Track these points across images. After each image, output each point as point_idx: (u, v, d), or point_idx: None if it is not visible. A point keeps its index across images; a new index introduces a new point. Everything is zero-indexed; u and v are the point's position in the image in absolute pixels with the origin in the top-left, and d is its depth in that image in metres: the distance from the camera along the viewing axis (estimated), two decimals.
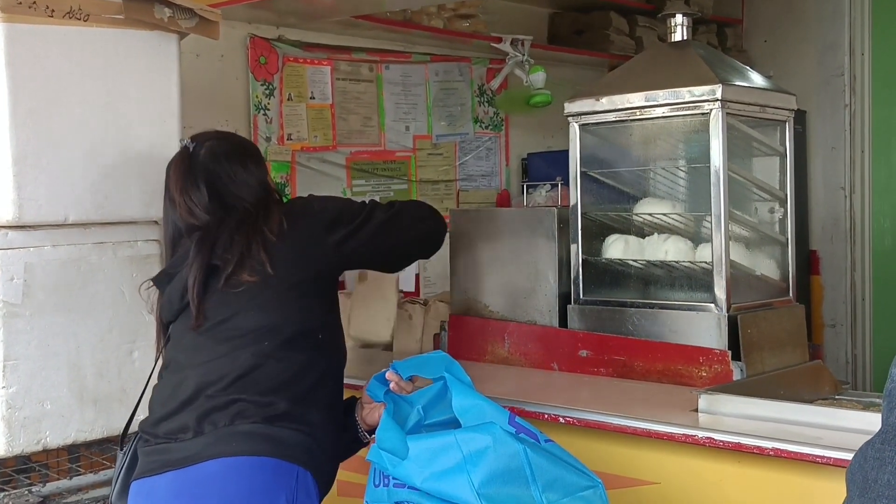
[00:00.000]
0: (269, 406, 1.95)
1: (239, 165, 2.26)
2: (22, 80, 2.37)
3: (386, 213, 2.28)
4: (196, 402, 1.99)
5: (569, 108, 3.12)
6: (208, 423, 1.95)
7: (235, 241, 2.11)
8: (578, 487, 1.73)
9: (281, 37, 4.20)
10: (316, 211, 2.21)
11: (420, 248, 2.51)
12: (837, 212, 5.70)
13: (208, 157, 2.24)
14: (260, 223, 2.13)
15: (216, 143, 2.29)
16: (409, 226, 2.35)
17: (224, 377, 1.99)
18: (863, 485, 1.12)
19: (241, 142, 2.44)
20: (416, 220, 2.40)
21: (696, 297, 2.91)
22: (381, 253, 2.32)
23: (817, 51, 5.75)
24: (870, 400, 2.63)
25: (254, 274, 2.05)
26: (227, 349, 2.02)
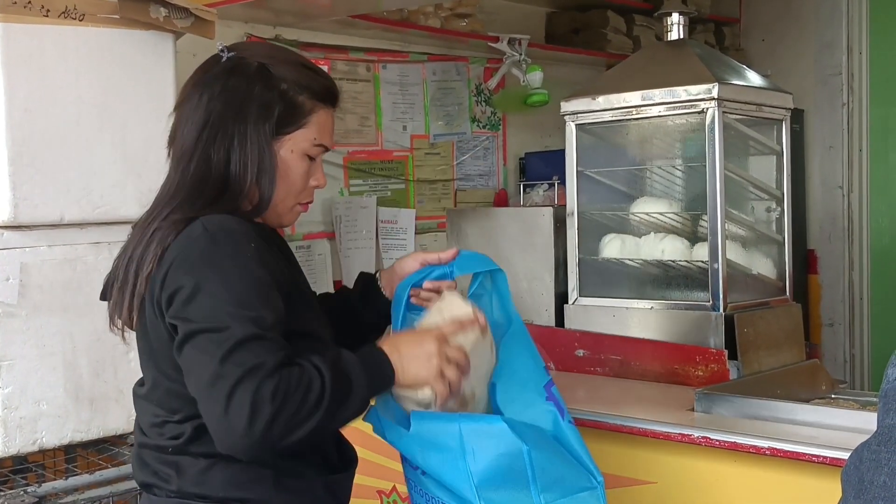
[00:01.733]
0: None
1: (269, 113, 1.69)
2: (17, 79, 2.37)
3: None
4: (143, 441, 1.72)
5: (565, 108, 3.12)
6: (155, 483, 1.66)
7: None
8: (577, 488, 1.72)
9: (278, 36, 4.19)
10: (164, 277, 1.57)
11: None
12: (835, 211, 5.70)
13: (218, 76, 1.72)
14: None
15: (245, 56, 1.73)
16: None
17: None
18: (858, 486, 1.12)
19: (275, 68, 1.73)
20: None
21: (692, 296, 2.92)
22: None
23: (815, 50, 5.74)
24: (867, 399, 2.63)
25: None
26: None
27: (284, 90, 1.69)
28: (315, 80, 1.73)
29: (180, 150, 1.69)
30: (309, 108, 1.71)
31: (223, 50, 1.74)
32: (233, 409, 1.41)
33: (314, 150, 1.74)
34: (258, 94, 1.67)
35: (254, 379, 1.42)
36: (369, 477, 2.76)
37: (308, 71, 1.74)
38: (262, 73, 1.69)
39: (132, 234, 1.69)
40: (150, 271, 1.57)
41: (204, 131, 1.67)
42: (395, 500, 2.80)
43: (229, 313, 1.48)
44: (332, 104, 1.77)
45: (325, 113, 1.75)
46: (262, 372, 1.43)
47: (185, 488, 1.60)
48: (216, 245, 1.55)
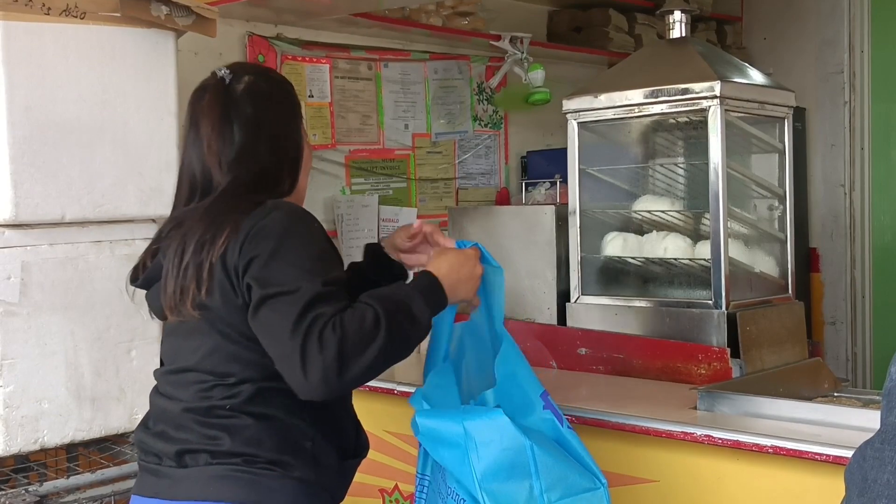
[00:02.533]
0: (254, 456, 1.73)
1: (290, 113, 1.96)
2: (18, 78, 2.37)
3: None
4: (164, 418, 1.83)
5: (567, 106, 3.11)
6: (174, 457, 1.76)
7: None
8: (580, 488, 1.73)
9: (279, 35, 4.19)
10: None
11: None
12: (837, 209, 5.69)
13: (244, 92, 1.91)
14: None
15: (256, 80, 1.94)
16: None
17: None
18: (862, 484, 1.12)
19: (285, 84, 2.02)
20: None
21: (695, 294, 2.91)
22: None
23: (816, 48, 5.74)
24: (869, 397, 2.62)
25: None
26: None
27: (290, 90, 1.97)
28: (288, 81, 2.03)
29: (240, 159, 1.86)
30: (298, 102, 2.00)
31: (223, 72, 1.92)
32: (307, 353, 1.57)
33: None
34: (282, 97, 1.95)
35: (318, 325, 1.58)
36: (372, 476, 2.76)
37: (281, 75, 2.09)
38: (274, 80, 1.98)
39: (190, 224, 1.79)
40: (225, 243, 1.71)
41: (258, 137, 1.88)
42: (398, 499, 2.79)
43: (301, 276, 1.65)
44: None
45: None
46: (325, 318, 1.60)
47: (236, 448, 1.70)
48: (289, 219, 1.74)
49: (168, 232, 1.85)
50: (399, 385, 2.70)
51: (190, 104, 1.93)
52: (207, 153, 1.87)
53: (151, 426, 1.83)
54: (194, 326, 1.78)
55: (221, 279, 1.71)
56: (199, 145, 1.88)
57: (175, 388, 1.81)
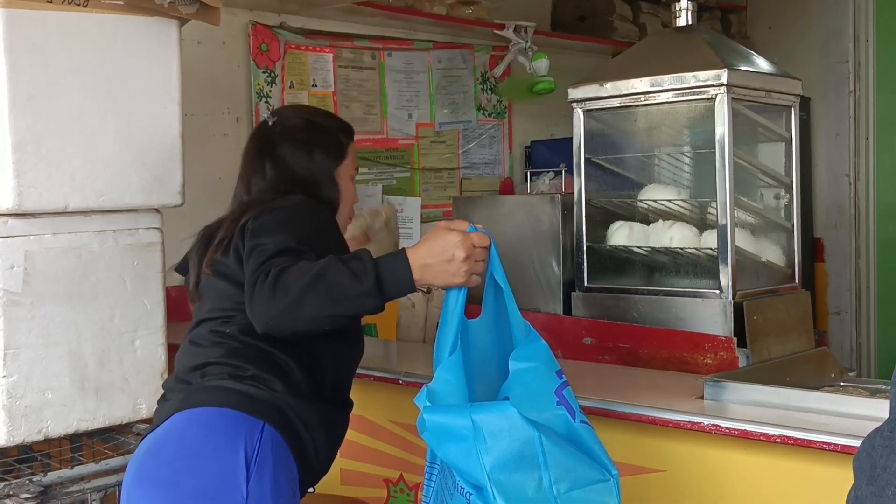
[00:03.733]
0: (239, 368, 1.94)
1: (324, 156, 2.22)
2: (21, 67, 2.35)
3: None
4: (179, 367, 2.06)
5: (573, 94, 3.10)
6: (182, 383, 1.98)
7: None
8: (590, 480, 1.72)
9: (283, 24, 4.18)
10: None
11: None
12: (842, 199, 5.68)
13: (279, 136, 2.22)
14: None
15: (294, 122, 2.26)
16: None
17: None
18: (871, 473, 1.11)
19: (316, 120, 2.31)
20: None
21: (701, 283, 2.90)
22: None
23: (821, 38, 5.72)
24: (876, 387, 2.61)
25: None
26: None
27: (331, 134, 2.25)
28: (340, 123, 2.32)
29: (268, 188, 2.17)
30: (345, 144, 2.26)
31: (268, 118, 2.27)
32: (255, 288, 1.81)
33: (354, 173, 2.29)
34: (317, 141, 2.21)
35: (274, 269, 1.80)
36: (377, 466, 2.75)
37: (332, 117, 2.39)
38: (312, 125, 2.25)
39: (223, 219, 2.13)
40: (246, 219, 1.99)
41: (288, 176, 2.18)
42: (402, 489, 2.79)
43: (282, 233, 1.91)
44: (353, 139, 2.31)
45: (352, 146, 2.29)
46: (280, 265, 1.81)
47: (227, 360, 1.95)
48: (302, 201, 2.04)
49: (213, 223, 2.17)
50: (404, 376, 2.69)
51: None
52: (240, 185, 2.20)
53: (180, 363, 2.06)
54: (207, 282, 2.05)
55: (237, 240, 1.99)
56: (239, 183, 2.22)
57: (195, 336, 2.05)
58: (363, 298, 1.79)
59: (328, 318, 1.82)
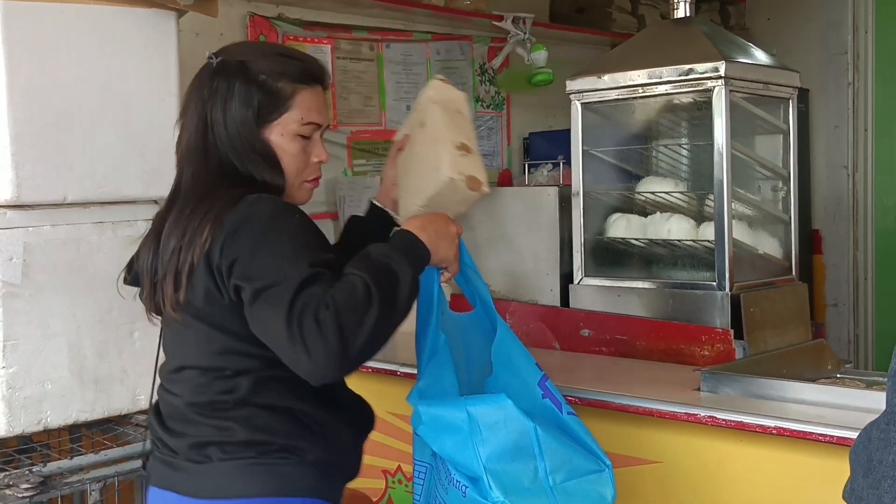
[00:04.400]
0: (264, 444, 1.72)
1: (237, 97, 1.81)
2: (19, 59, 2.35)
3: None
4: (172, 424, 1.81)
5: (571, 86, 3.10)
6: (192, 461, 1.75)
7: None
8: (585, 470, 1.73)
9: (280, 15, 4.17)
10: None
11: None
12: (840, 191, 5.68)
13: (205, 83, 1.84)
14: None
15: (227, 65, 1.83)
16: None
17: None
18: (867, 465, 1.12)
19: (253, 62, 1.84)
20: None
21: (698, 275, 2.91)
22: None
23: (820, 29, 5.71)
24: (872, 379, 2.62)
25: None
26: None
27: (262, 80, 1.80)
28: (291, 65, 1.84)
29: (190, 155, 1.82)
30: (289, 92, 1.82)
31: (211, 57, 1.85)
32: (307, 338, 1.53)
33: (304, 129, 1.84)
34: (239, 89, 1.79)
35: (311, 308, 1.54)
36: (375, 457, 2.76)
37: (284, 58, 1.86)
38: (242, 70, 1.80)
39: (169, 229, 1.76)
40: (207, 243, 1.67)
41: (205, 133, 1.80)
42: (401, 479, 2.80)
43: (286, 265, 1.61)
44: (314, 83, 1.86)
45: (307, 93, 1.84)
46: (316, 298, 1.55)
47: (249, 437, 1.70)
48: (267, 212, 1.68)
49: (150, 229, 1.87)
50: (402, 366, 2.70)
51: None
52: (176, 148, 1.88)
53: (164, 420, 1.82)
54: (182, 323, 1.76)
55: (205, 279, 1.69)
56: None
57: (175, 385, 1.80)
58: (412, 295, 1.68)
59: (392, 333, 1.66)
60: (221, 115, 1.79)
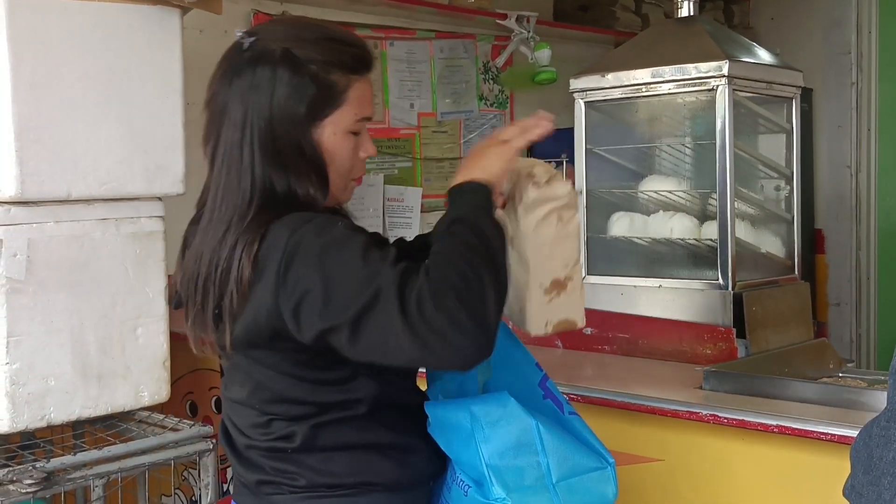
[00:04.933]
0: (331, 487, 1.62)
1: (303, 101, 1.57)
2: (24, 55, 2.36)
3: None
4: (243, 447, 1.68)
5: (574, 85, 3.11)
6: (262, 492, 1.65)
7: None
8: (586, 469, 1.73)
9: (284, 12, 4.18)
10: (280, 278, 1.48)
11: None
12: (843, 190, 5.68)
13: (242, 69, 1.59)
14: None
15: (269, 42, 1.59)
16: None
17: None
18: (867, 462, 1.12)
19: (299, 50, 1.59)
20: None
21: (701, 274, 2.91)
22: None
23: (824, 28, 5.71)
24: (874, 378, 2.62)
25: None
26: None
27: (314, 73, 1.57)
28: (344, 52, 1.61)
29: (227, 156, 1.59)
30: (344, 85, 1.60)
31: (243, 36, 1.61)
32: (440, 331, 1.36)
33: (357, 125, 1.64)
34: (287, 82, 1.56)
35: (426, 300, 1.37)
36: None
37: (335, 44, 1.61)
38: (288, 59, 1.57)
39: (203, 244, 1.58)
40: (245, 283, 1.48)
41: (245, 135, 1.57)
42: None
43: (368, 278, 1.41)
44: (366, 72, 1.64)
45: (361, 84, 1.63)
46: (422, 287, 1.38)
47: (314, 481, 1.58)
48: (313, 240, 1.47)
49: (182, 245, 1.68)
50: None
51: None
52: (205, 138, 1.64)
53: (233, 443, 1.69)
54: (232, 364, 1.63)
55: (255, 322, 1.51)
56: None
57: (236, 416, 1.67)
58: (502, 239, 1.49)
59: (507, 284, 1.50)
60: (267, 112, 1.56)
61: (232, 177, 1.57)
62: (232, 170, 1.57)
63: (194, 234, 1.64)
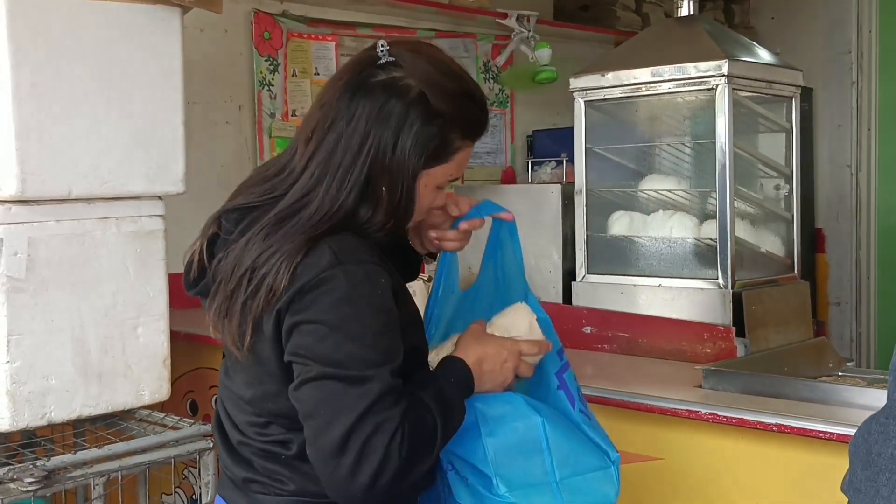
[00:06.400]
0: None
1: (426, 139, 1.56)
2: (24, 54, 2.36)
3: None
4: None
5: (574, 84, 3.11)
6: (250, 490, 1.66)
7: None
8: (590, 467, 1.73)
9: (285, 12, 4.18)
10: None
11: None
12: (843, 190, 5.69)
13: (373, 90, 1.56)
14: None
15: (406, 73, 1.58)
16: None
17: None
18: (866, 458, 1.12)
19: (436, 96, 1.57)
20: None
21: (700, 273, 2.91)
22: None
23: (824, 27, 5.71)
24: (874, 377, 2.63)
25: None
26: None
27: (441, 126, 1.57)
28: (472, 117, 1.63)
29: (333, 166, 1.55)
30: (457, 146, 1.61)
31: (384, 52, 1.60)
32: (363, 464, 1.41)
33: (446, 183, 1.65)
34: (416, 128, 1.55)
35: (386, 432, 1.41)
36: None
37: (469, 104, 1.62)
38: (422, 104, 1.56)
39: (252, 234, 1.55)
40: (282, 289, 1.47)
41: (361, 155, 1.55)
42: None
43: (367, 359, 1.44)
44: (476, 139, 1.66)
45: (469, 149, 1.65)
46: (393, 424, 1.42)
47: (304, 487, 1.58)
48: (350, 279, 1.47)
49: (230, 233, 1.60)
50: None
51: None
52: (300, 130, 1.62)
53: (226, 436, 1.69)
54: (241, 363, 1.60)
55: (269, 331, 1.51)
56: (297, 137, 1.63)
57: (233, 409, 1.67)
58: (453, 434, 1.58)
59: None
60: (390, 149, 1.54)
61: (325, 185, 1.55)
62: (330, 181, 1.55)
63: (238, 220, 1.60)
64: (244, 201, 1.62)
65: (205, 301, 1.64)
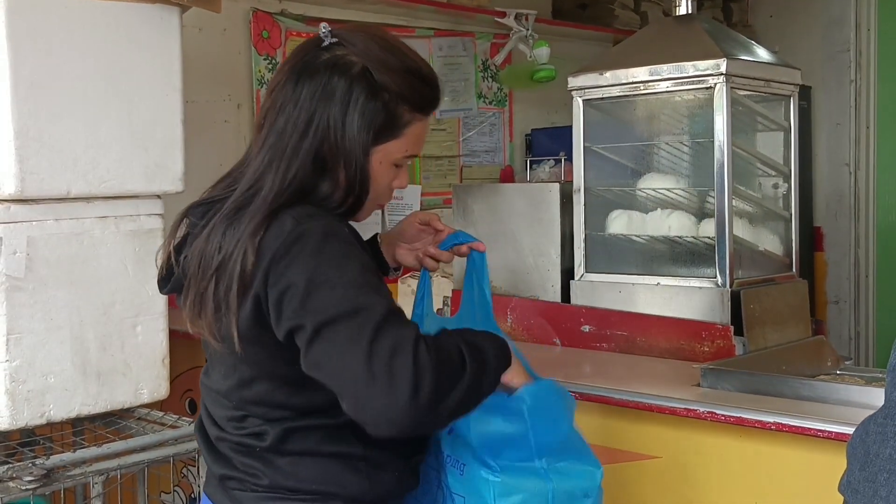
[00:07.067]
0: (293, 491, 1.62)
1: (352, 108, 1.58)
2: (23, 53, 2.36)
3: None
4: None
5: (573, 83, 3.11)
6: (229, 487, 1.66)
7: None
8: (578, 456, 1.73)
9: (283, 11, 4.18)
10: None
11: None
12: (842, 188, 5.69)
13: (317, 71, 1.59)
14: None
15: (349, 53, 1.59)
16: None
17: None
18: (864, 459, 1.12)
19: (379, 72, 1.60)
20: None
21: (699, 272, 2.91)
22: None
23: (823, 26, 5.72)
24: (872, 375, 2.63)
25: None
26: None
27: (386, 101, 1.60)
28: (418, 91, 1.64)
29: (281, 148, 1.58)
30: (406, 120, 1.63)
31: (326, 34, 1.62)
32: (397, 384, 1.36)
33: (403, 160, 1.68)
34: (361, 103, 1.58)
35: (408, 350, 1.38)
36: None
37: (411, 79, 1.63)
38: (366, 79, 1.58)
39: (213, 224, 1.57)
40: (252, 267, 1.47)
41: (308, 134, 1.58)
42: None
43: (357, 296, 1.43)
44: (429, 112, 1.69)
45: (421, 123, 1.67)
46: (412, 342, 1.39)
47: (277, 482, 1.58)
48: (315, 235, 1.48)
49: (195, 227, 1.63)
50: None
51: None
52: (259, 124, 1.64)
53: (207, 433, 1.70)
54: (221, 353, 1.60)
55: (247, 310, 1.50)
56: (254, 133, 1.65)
57: (212, 405, 1.69)
58: (490, 390, 1.55)
59: (465, 414, 1.53)
60: (336, 125, 1.57)
61: (274, 167, 1.57)
62: (278, 162, 1.57)
63: (203, 213, 1.62)
64: (208, 196, 1.66)
65: (179, 297, 1.65)
